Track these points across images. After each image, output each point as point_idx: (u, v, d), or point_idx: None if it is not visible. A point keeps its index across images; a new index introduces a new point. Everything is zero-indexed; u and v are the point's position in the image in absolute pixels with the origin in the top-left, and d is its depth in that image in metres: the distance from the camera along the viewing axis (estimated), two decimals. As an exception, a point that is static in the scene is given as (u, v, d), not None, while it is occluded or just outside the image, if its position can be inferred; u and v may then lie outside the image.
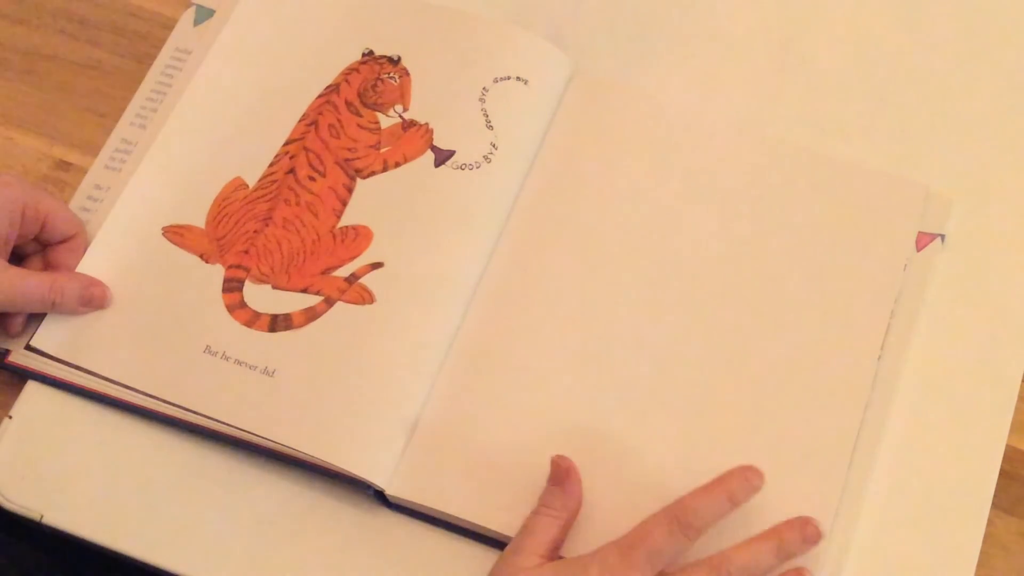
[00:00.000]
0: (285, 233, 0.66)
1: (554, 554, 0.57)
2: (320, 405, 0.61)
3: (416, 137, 0.67)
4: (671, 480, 0.57)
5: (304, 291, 0.64)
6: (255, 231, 0.66)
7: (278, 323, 0.63)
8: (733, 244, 0.64)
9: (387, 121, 0.68)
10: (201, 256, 0.65)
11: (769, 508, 0.57)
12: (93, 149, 0.70)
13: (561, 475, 0.58)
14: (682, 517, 0.55)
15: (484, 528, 0.59)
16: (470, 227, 0.65)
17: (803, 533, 0.56)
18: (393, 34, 0.71)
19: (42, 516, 0.61)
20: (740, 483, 0.56)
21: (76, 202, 0.68)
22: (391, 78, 0.69)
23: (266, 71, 0.70)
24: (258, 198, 0.67)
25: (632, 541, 0.55)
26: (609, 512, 0.58)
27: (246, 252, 0.65)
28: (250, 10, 0.72)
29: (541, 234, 0.65)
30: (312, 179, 0.67)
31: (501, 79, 0.68)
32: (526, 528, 0.57)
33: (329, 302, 0.63)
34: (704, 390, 0.61)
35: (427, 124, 0.68)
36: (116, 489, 0.61)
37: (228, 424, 0.61)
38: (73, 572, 0.66)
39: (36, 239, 0.65)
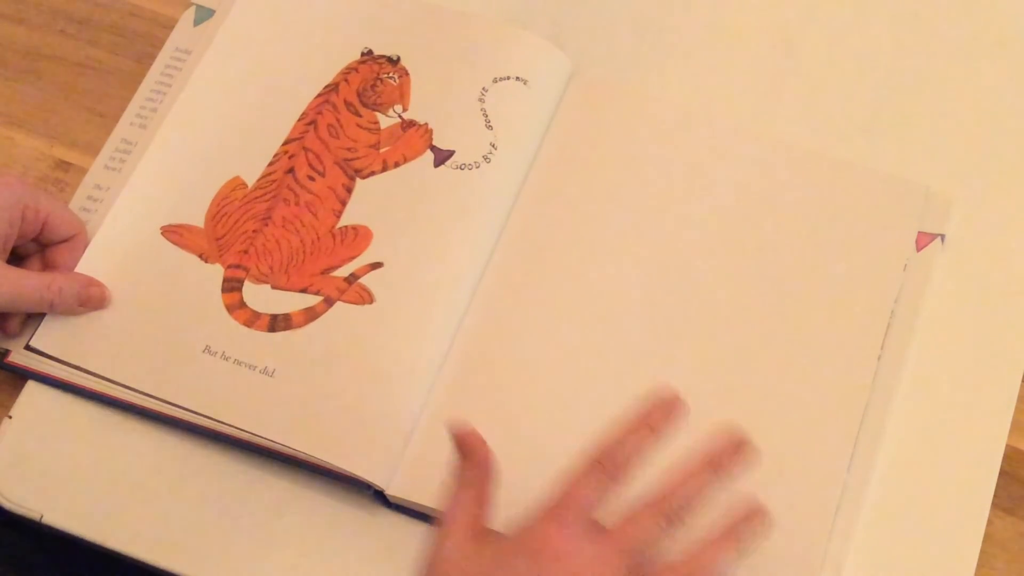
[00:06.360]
0: (284, 233, 0.66)
1: (482, 527, 0.54)
2: (320, 405, 0.61)
3: (415, 137, 0.67)
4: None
5: (304, 291, 0.64)
6: (254, 231, 0.66)
7: (278, 323, 0.63)
8: (733, 244, 0.64)
9: (386, 121, 0.68)
10: (200, 256, 0.65)
11: (770, 508, 0.57)
12: (93, 149, 0.70)
13: (464, 447, 0.55)
14: (603, 460, 0.52)
15: (484, 528, 0.59)
16: (470, 227, 0.65)
17: (732, 441, 0.54)
18: (392, 34, 0.71)
19: (42, 516, 0.61)
20: (656, 409, 0.54)
21: (76, 202, 0.68)
22: (390, 78, 0.69)
23: (265, 70, 0.70)
24: (257, 198, 0.67)
25: (561, 501, 0.53)
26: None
27: (245, 252, 0.65)
28: (249, 10, 0.72)
29: (541, 234, 0.65)
30: (311, 179, 0.67)
31: (501, 79, 0.68)
32: (446, 511, 0.54)
33: (329, 302, 0.63)
34: (703, 390, 0.61)
35: (426, 124, 0.68)
36: (116, 489, 0.61)
37: (228, 424, 0.61)
38: (73, 572, 0.66)
39: (35, 239, 0.65)
